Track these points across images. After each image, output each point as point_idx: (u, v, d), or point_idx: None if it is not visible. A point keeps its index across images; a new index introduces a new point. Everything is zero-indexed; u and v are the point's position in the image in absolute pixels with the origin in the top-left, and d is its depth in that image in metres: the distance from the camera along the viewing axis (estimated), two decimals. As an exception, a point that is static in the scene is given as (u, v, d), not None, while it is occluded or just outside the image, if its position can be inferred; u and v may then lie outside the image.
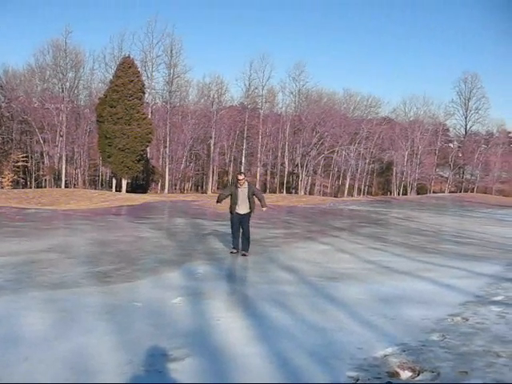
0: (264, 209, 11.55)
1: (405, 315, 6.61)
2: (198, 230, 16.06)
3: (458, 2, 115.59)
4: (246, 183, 11.44)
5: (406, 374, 4.69)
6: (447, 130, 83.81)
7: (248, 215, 11.40)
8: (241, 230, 11.42)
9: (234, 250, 11.44)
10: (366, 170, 76.03)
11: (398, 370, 4.76)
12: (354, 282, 8.75)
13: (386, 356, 5.10)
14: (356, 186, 75.12)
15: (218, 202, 11.77)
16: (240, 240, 11.47)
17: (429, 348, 5.34)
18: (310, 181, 71.00)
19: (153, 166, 61.25)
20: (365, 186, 77.19)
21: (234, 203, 11.34)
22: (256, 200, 11.48)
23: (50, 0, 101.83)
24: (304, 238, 14.94)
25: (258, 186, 66.46)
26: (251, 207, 11.36)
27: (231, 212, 11.48)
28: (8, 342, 5.04)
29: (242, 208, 11.30)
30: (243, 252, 11.26)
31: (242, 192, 11.26)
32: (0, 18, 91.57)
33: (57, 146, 60.13)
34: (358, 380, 4.49)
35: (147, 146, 48.40)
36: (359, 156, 72.06)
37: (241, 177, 11.32)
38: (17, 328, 5.47)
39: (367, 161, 73.82)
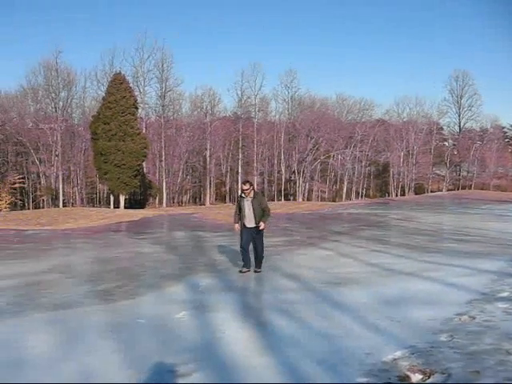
0: (261, 225, 10.02)
1: (411, 317, 6.56)
2: (198, 243, 15.99)
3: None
4: (253, 193, 10.15)
5: (416, 377, 4.63)
6: (441, 128, 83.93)
7: (260, 230, 10.08)
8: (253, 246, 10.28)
9: (244, 269, 10.20)
10: (363, 173, 76.13)
11: (409, 373, 4.71)
12: (358, 285, 8.69)
13: (395, 360, 5.04)
14: (354, 189, 75.15)
15: (234, 222, 10.46)
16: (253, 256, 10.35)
17: (438, 349, 5.29)
18: (307, 187, 71.09)
19: (150, 181, 61.16)
20: (362, 189, 77.31)
21: (242, 216, 10.12)
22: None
23: (40, 20, 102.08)
24: (305, 245, 14.89)
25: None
26: (261, 219, 10.00)
27: (241, 225, 10.25)
28: (11, 365, 4.98)
29: (251, 221, 10.02)
30: (255, 269, 10.21)
31: (248, 203, 10.01)
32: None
33: (53, 165, 60.12)
34: (368, 386, 4.43)
35: (143, 160, 48.35)
36: (355, 159, 72.14)
37: (246, 186, 10.10)
38: (20, 351, 5.40)
39: (363, 164, 73.85)
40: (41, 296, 8.22)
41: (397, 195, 71.75)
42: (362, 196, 75.05)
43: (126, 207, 46.22)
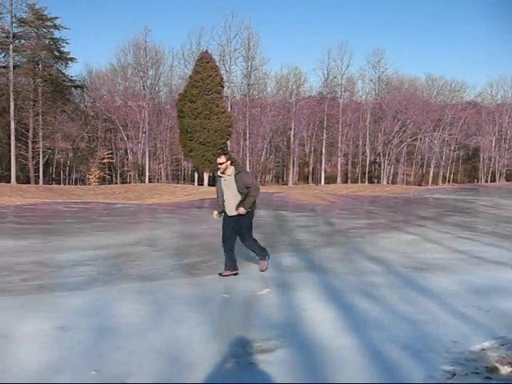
0: (240, 210, 7.75)
1: (501, 307, 6.32)
2: (280, 222, 16.05)
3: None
4: (233, 169, 7.89)
5: (505, 370, 4.47)
6: (538, 112, 79.72)
7: (245, 217, 7.89)
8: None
9: (227, 272, 7.92)
10: (451, 157, 73.81)
11: (497, 364, 4.55)
12: (445, 272, 8.45)
13: (483, 350, 4.89)
14: (441, 173, 73.01)
15: (216, 208, 8.39)
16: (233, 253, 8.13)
17: (530, 342, 5.07)
18: (392, 170, 69.72)
19: (234, 159, 61.84)
20: (450, 174, 75.00)
21: (220, 200, 8.00)
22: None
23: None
24: (389, 228, 14.62)
25: (339, 177, 65.94)
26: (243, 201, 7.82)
27: (221, 213, 8.20)
28: (102, 332, 5.19)
29: (233, 206, 7.83)
30: (260, 267, 8.24)
31: (228, 182, 7.82)
32: (83, 21, 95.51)
33: (140, 142, 62.04)
34: (454, 375, 4.32)
35: (227, 139, 48.96)
36: (443, 143, 70.03)
37: (221, 159, 7.81)
38: (110, 319, 5.62)
39: (452, 147, 71.56)
40: (129, 267, 8.51)
41: (487, 181, 69.15)
42: (449, 181, 72.82)
43: (209, 185, 47.04)
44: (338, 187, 47.39)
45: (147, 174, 59.10)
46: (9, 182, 46.46)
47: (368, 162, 69.38)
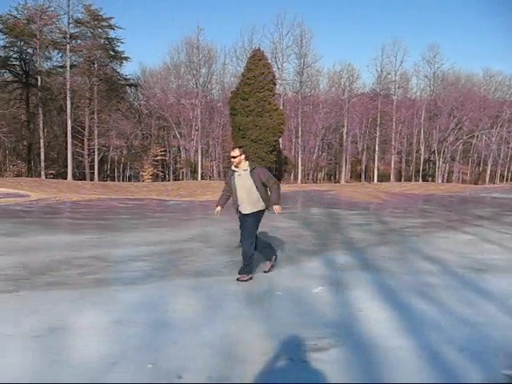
0: (276, 208, 7.40)
1: None
2: (333, 220, 15.92)
3: None
4: (247, 164, 7.33)
5: None
6: None
7: (256, 214, 7.47)
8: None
9: (270, 266, 8.03)
10: (510, 155, 71.68)
11: (561, 369, 4.37)
12: (504, 273, 8.19)
13: (546, 354, 4.71)
14: (498, 172, 71.12)
15: (217, 204, 8.03)
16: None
17: None
18: (447, 168, 68.29)
19: (285, 157, 61.80)
20: (508, 173, 72.90)
21: (234, 199, 7.50)
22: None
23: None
24: (444, 228, 14.32)
25: (392, 175, 65.04)
26: (262, 201, 7.44)
27: (236, 211, 7.66)
28: (158, 326, 5.25)
29: (248, 204, 7.37)
30: (238, 275, 7.37)
31: (243, 178, 7.29)
32: (137, 20, 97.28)
33: (192, 139, 62.73)
34: (515, 379, 4.18)
35: (279, 136, 48.85)
36: (501, 140, 68.09)
37: (235, 152, 7.28)
38: (165, 313, 5.68)
39: (510, 145, 69.49)
40: (183, 263, 8.60)
41: (547, 180, 67.00)
42: (507, 180, 70.84)
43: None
44: (391, 185, 46.75)
45: (199, 171, 59.68)
46: (65, 178, 47.73)
47: (422, 159, 68.20)
